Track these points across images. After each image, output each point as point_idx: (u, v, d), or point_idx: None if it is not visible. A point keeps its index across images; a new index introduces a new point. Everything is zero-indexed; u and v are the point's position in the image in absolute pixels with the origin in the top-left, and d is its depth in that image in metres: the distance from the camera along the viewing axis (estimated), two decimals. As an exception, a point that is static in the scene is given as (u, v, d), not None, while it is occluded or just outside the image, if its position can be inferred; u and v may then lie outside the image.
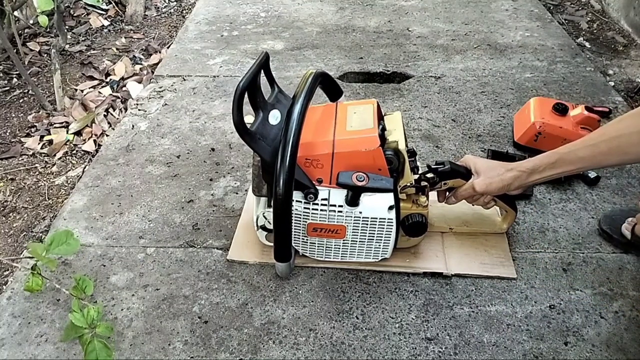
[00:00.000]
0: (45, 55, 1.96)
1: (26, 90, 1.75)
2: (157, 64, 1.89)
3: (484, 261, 1.09)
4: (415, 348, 0.94)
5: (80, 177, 1.38)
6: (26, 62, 1.88)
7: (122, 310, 1.01)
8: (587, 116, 1.34)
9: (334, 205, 0.97)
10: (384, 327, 0.98)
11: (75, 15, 2.24)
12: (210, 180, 1.33)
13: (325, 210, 0.98)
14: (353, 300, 1.03)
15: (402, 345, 0.95)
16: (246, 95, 0.92)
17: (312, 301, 1.02)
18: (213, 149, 1.44)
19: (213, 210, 1.24)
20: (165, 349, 0.95)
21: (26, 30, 2.04)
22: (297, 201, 0.97)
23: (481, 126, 1.51)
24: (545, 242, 1.14)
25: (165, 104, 1.64)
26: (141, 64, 1.92)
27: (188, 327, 0.98)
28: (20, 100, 1.72)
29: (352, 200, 0.96)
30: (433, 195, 1.10)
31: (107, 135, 1.54)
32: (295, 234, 1.02)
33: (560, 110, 1.35)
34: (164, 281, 1.07)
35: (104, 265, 1.11)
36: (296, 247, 1.06)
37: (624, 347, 0.94)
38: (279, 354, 0.94)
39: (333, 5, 2.28)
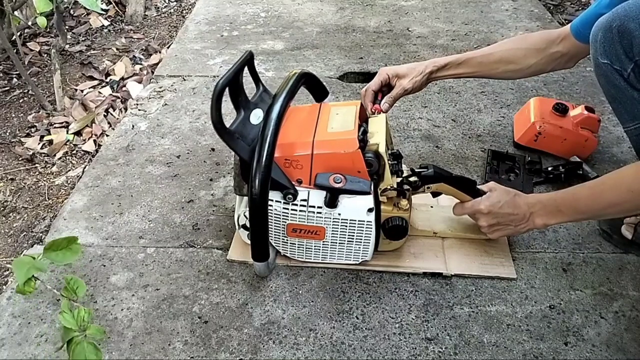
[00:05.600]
0: (45, 55, 1.96)
1: (26, 90, 1.75)
2: (157, 64, 1.89)
3: (483, 261, 1.08)
4: (415, 348, 0.94)
5: (80, 177, 1.38)
6: (26, 62, 1.88)
7: (122, 310, 1.01)
8: (587, 116, 1.34)
9: (313, 207, 0.97)
10: (384, 327, 0.98)
11: (75, 15, 2.24)
12: (210, 180, 1.33)
13: (305, 211, 0.98)
14: (353, 300, 1.03)
15: (402, 345, 0.95)
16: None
17: (312, 301, 1.02)
18: (213, 149, 1.44)
19: (213, 210, 1.24)
20: (165, 349, 0.95)
21: (26, 30, 2.04)
22: (276, 201, 0.97)
23: (481, 126, 1.51)
24: (545, 242, 1.14)
25: (165, 104, 1.64)
26: (141, 64, 1.92)
27: (188, 327, 0.98)
28: (20, 100, 1.72)
29: (330, 201, 0.96)
30: (420, 198, 1.10)
31: (107, 135, 1.54)
32: (275, 234, 1.03)
33: (560, 110, 1.35)
34: (164, 281, 1.07)
35: (104, 265, 1.11)
36: (276, 247, 1.06)
37: (624, 347, 0.94)
38: (279, 354, 0.94)
39: (333, 5, 2.28)
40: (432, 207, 1.18)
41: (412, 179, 1.02)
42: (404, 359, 0.93)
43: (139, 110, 1.62)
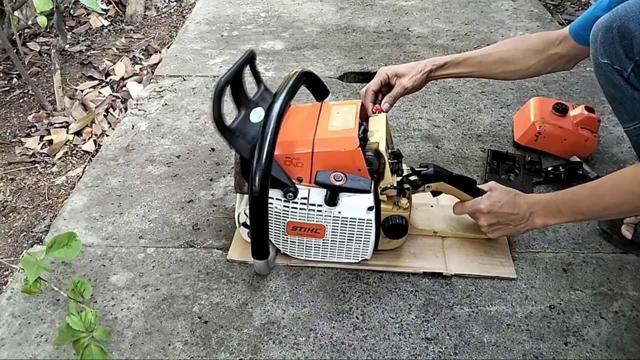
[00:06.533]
0: (45, 55, 1.96)
1: (26, 90, 1.75)
2: (157, 64, 1.89)
3: (483, 261, 1.08)
4: (415, 348, 0.94)
5: (80, 177, 1.38)
6: (26, 62, 1.88)
7: (122, 310, 1.01)
8: (587, 116, 1.34)
9: (314, 205, 0.97)
10: (384, 327, 0.98)
11: (75, 15, 2.24)
12: (210, 180, 1.33)
13: (305, 209, 0.98)
14: (353, 300, 1.03)
15: (402, 345, 0.95)
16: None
17: (312, 301, 1.02)
18: (213, 149, 1.44)
19: (213, 210, 1.24)
20: (165, 349, 0.95)
21: (26, 30, 2.04)
22: (276, 199, 0.97)
23: (481, 126, 1.51)
24: (545, 242, 1.14)
25: (165, 104, 1.64)
26: (141, 64, 1.92)
27: (188, 327, 0.98)
28: (20, 100, 1.72)
29: (330, 199, 0.96)
30: (421, 197, 1.10)
31: (107, 135, 1.54)
32: (275, 232, 1.03)
33: (560, 110, 1.35)
34: (164, 281, 1.07)
35: (104, 265, 1.11)
36: (277, 245, 1.06)
37: (624, 347, 0.94)
38: (279, 354, 0.94)
39: (333, 5, 2.28)
40: (432, 206, 1.18)
41: (412, 177, 1.02)
42: (404, 359, 0.93)
43: (139, 110, 1.62)
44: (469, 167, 1.35)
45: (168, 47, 2.00)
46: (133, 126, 1.54)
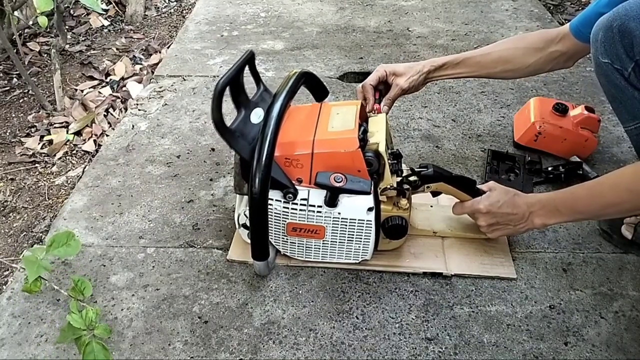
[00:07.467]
0: (45, 55, 1.96)
1: (26, 90, 1.75)
2: (157, 64, 1.89)
3: (483, 261, 1.08)
4: (415, 348, 0.94)
5: (80, 177, 1.38)
6: (26, 62, 1.88)
7: (122, 310, 1.01)
8: (587, 116, 1.34)
9: (313, 206, 0.97)
10: (384, 327, 0.98)
11: (75, 15, 2.24)
12: (210, 180, 1.33)
13: (305, 210, 0.98)
14: (353, 300, 1.03)
15: (402, 345, 0.95)
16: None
17: (312, 301, 1.02)
18: (213, 149, 1.44)
19: (213, 210, 1.24)
20: (165, 349, 0.95)
21: (26, 30, 2.04)
22: (276, 200, 0.97)
23: (481, 126, 1.51)
24: (545, 242, 1.14)
25: (165, 104, 1.64)
26: (141, 64, 1.92)
27: (188, 327, 0.98)
28: (20, 100, 1.72)
29: (330, 200, 0.96)
30: (421, 197, 1.10)
31: (107, 135, 1.54)
32: (275, 233, 1.03)
33: (560, 110, 1.35)
34: (164, 281, 1.07)
35: (104, 265, 1.11)
36: (276, 246, 1.06)
37: (624, 347, 0.94)
38: (279, 354, 0.94)
39: (333, 5, 2.28)
40: (431, 206, 1.18)
41: (412, 178, 1.02)
42: (404, 359, 0.93)
43: (139, 110, 1.62)
44: (469, 167, 1.35)
45: (168, 47, 2.00)
46: (133, 126, 1.54)
